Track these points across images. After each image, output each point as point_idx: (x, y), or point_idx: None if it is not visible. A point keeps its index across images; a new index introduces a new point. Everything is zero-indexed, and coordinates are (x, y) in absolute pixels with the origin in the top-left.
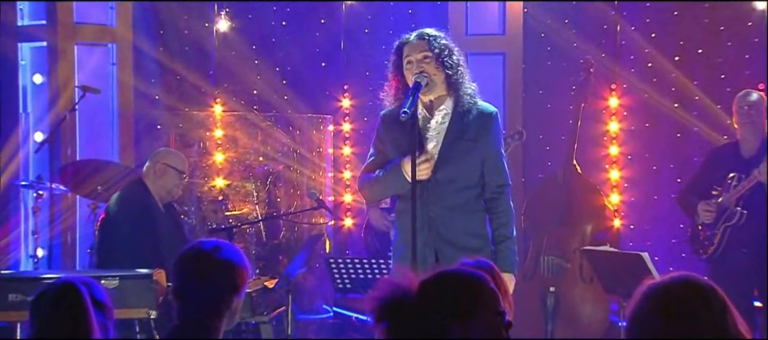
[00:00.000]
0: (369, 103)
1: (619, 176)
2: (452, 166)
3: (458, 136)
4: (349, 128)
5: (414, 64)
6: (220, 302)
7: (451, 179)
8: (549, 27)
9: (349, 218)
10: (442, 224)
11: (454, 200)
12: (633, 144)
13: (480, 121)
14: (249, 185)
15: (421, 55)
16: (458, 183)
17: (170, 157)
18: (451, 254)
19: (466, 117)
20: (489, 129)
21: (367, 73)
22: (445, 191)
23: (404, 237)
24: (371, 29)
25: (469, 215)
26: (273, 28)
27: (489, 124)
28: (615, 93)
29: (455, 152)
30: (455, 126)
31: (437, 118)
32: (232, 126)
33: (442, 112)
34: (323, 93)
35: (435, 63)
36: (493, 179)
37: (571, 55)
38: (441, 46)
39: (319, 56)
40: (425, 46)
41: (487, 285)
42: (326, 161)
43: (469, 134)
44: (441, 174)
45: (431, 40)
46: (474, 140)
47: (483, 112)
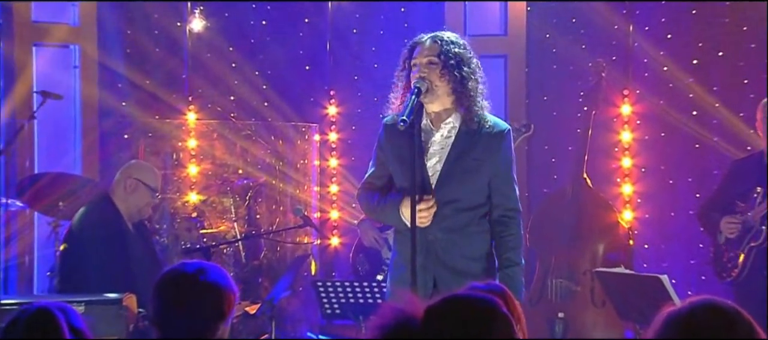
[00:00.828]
0: (358, 110)
1: (631, 191)
2: (454, 186)
3: (463, 154)
4: (336, 138)
5: (418, 68)
6: (205, 330)
7: (451, 199)
8: (554, 27)
9: (336, 236)
10: (441, 248)
11: (454, 222)
12: (647, 155)
13: (489, 139)
14: (227, 200)
15: (427, 59)
16: (459, 204)
17: (143, 173)
18: (450, 280)
19: (473, 134)
20: (499, 148)
21: (356, 77)
22: (445, 212)
23: (403, 258)
24: (360, 29)
25: (469, 237)
26: (252, 28)
27: (499, 142)
28: (627, 100)
29: (458, 171)
30: (461, 143)
31: (442, 133)
32: (208, 136)
33: (447, 126)
34: (308, 99)
35: (440, 71)
36: (501, 203)
37: (579, 57)
38: (451, 53)
39: (303, 59)
40: (435, 51)
41: (500, 310)
42: (312, 174)
43: (476, 153)
44: (441, 194)
45: (443, 45)
46: (480, 160)
47: (493, 129)
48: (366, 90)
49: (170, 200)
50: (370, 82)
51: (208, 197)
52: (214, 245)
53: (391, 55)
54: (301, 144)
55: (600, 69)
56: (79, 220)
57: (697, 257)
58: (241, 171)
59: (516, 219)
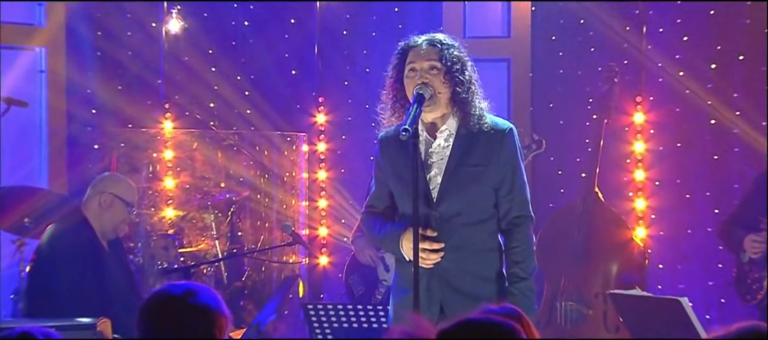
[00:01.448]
0: (348, 118)
1: (644, 206)
2: (456, 199)
3: (463, 160)
4: (325, 148)
5: (417, 74)
6: None
7: (456, 212)
8: (561, 29)
9: (325, 255)
10: (448, 268)
11: (462, 239)
12: (662, 168)
13: (490, 141)
14: (207, 216)
15: (429, 64)
16: (466, 217)
17: (118, 186)
18: (460, 304)
19: (472, 138)
20: (502, 148)
21: (346, 82)
22: (451, 227)
23: (405, 280)
24: (351, 30)
25: (479, 255)
26: (234, 29)
27: (502, 142)
28: (640, 107)
29: (459, 181)
30: (459, 149)
31: (439, 142)
32: (186, 146)
33: (444, 134)
34: (294, 106)
35: (443, 77)
36: (509, 209)
37: (589, 61)
38: (453, 58)
39: (289, 62)
40: (435, 55)
41: (517, 336)
42: (299, 188)
43: (476, 158)
44: (445, 207)
45: (444, 49)
46: (483, 164)
47: (495, 129)
48: (357, 96)
49: (145, 216)
50: (362, 88)
51: (187, 212)
52: (193, 264)
53: (384, 58)
54: (288, 155)
55: (612, 74)
56: (48, 238)
57: (717, 278)
58: (222, 184)
59: (523, 227)
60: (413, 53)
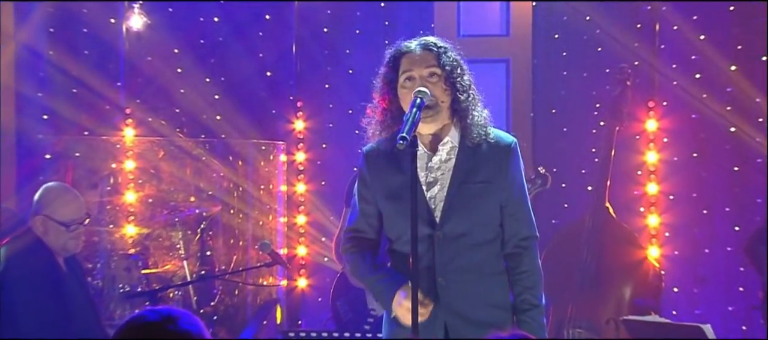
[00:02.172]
0: (328, 124)
1: (658, 222)
2: (462, 218)
3: (468, 176)
4: (304, 158)
5: (416, 82)
6: None
7: (462, 232)
8: (565, 26)
9: (304, 277)
10: (453, 293)
11: (468, 261)
12: (676, 180)
13: (494, 157)
14: (175, 233)
15: (428, 71)
16: (472, 238)
17: (51, 207)
18: (466, 332)
19: (476, 152)
20: (507, 165)
21: (327, 85)
22: (456, 248)
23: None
24: (332, 28)
25: (488, 279)
26: (202, 25)
27: (507, 159)
28: (653, 113)
29: (464, 198)
30: (464, 164)
31: (441, 155)
32: (150, 156)
33: (445, 147)
34: (270, 112)
35: (444, 84)
36: (515, 230)
37: (595, 61)
38: (452, 62)
39: (263, 63)
40: (433, 61)
41: None
42: (278, 201)
43: (482, 174)
44: (450, 227)
45: (441, 53)
46: (488, 182)
47: (498, 144)
48: (339, 100)
49: (105, 234)
50: (345, 91)
51: (152, 229)
52: (159, 288)
53: (369, 58)
54: (265, 165)
55: (624, 76)
56: (3, 259)
57: (739, 302)
58: (192, 199)
59: (530, 250)
60: (408, 60)
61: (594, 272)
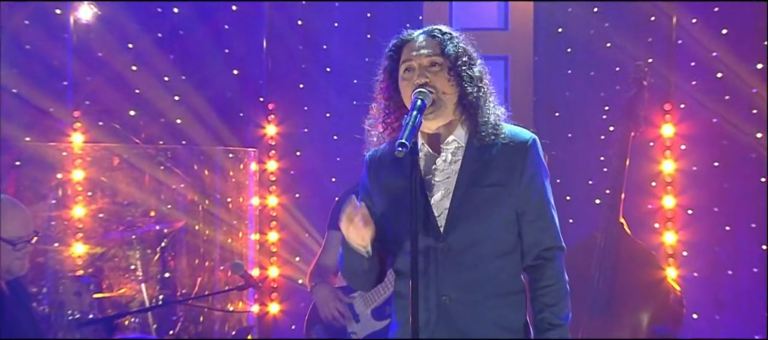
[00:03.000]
0: (303, 129)
1: (675, 240)
2: (471, 226)
3: (477, 179)
4: (276, 167)
5: (415, 73)
6: None
7: (470, 244)
8: (570, 19)
9: (275, 301)
10: (459, 313)
11: (476, 277)
12: (695, 192)
13: (510, 156)
14: (131, 252)
15: (428, 59)
16: (480, 250)
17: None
18: None
19: (487, 152)
20: (524, 165)
21: (302, 85)
22: (463, 262)
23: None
24: (308, 21)
25: (501, 300)
26: (160, 17)
27: (523, 158)
28: (669, 117)
29: (473, 204)
30: (471, 165)
31: (445, 157)
32: (103, 164)
33: (450, 147)
34: (237, 115)
35: (447, 74)
36: (536, 240)
37: (604, 59)
38: (459, 50)
39: (230, 60)
40: (436, 48)
41: None
42: (248, 216)
43: (493, 177)
44: (455, 238)
45: (446, 41)
46: (502, 185)
47: (514, 140)
48: (315, 102)
49: (52, 254)
50: (321, 92)
51: (105, 248)
52: (114, 315)
53: (349, 55)
54: (234, 176)
55: (641, 74)
56: None
57: (765, 330)
58: (151, 213)
59: (555, 261)
60: (408, 49)
61: (607, 295)
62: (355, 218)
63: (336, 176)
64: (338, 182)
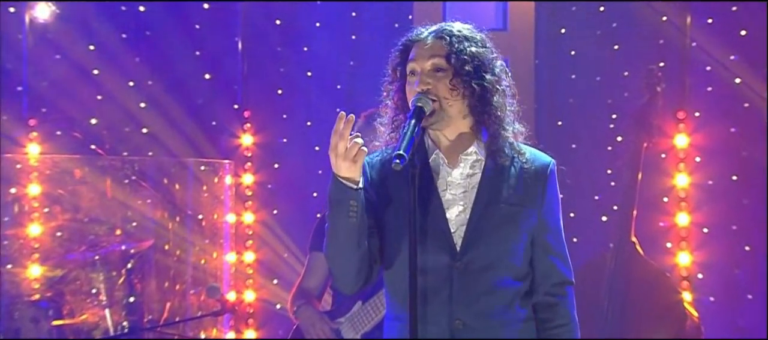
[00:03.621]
0: (282, 139)
1: (689, 261)
2: (490, 245)
3: (497, 196)
4: (252, 181)
5: (418, 77)
6: None
7: (487, 264)
8: (574, 18)
9: (252, 328)
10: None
11: (494, 301)
12: (712, 209)
13: (530, 179)
14: (95, 275)
15: (431, 63)
16: (499, 272)
17: None
18: None
19: (506, 169)
20: (543, 190)
21: (280, 91)
22: (479, 284)
23: None
24: (287, 20)
25: (516, 327)
26: (125, 16)
27: (543, 182)
28: (683, 126)
29: (493, 222)
30: (492, 180)
31: (463, 169)
32: (61, 177)
33: (469, 160)
34: (209, 123)
35: (450, 82)
36: (548, 272)
37: (612, 62)
38: (468, 55)
39: (202, 63)
40: (441, 51)
41: None
42: (223, 235)
43: (514, 195)
44: (472, 257)
45: (454, 43)
46: (522, 205)
47: (534, 164)
48: (295, 109)
49: (5, 276)
50: (302, 98)
51: (67, 270)
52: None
53: (332, 57)
54: (207, 190)
55: (654, 80)
56: None
57: None
58: (117, 232)
59: (567, 298)
60: (416, 50)
61: (618, 322)
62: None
63: (318, 191)
64: (320, 197)
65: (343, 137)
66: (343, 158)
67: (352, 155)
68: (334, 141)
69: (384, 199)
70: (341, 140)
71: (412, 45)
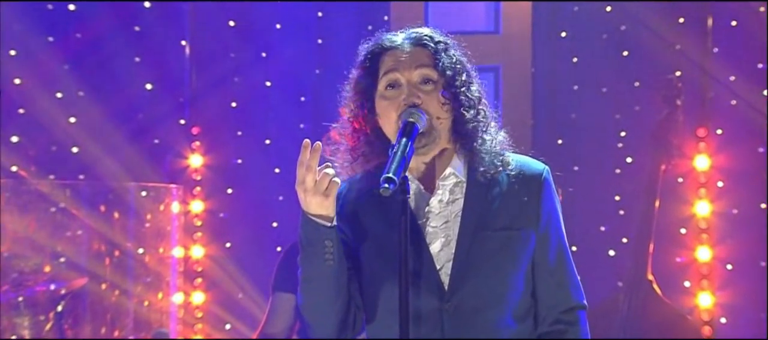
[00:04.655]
0: (236, 160)
1: (711, 303)
2: (483, 280)
3: (485, 221)
4: (202, 209)
5: (403, 90)
6: None
7: (482, 303)
8: (576, 20)
9: None
10: None
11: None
12: (737, 242)
13: (521, 192)
14: (19, 319)
15: (419, 74)
16: (496, 310)
17: None
18: None
19: (491, 188)
20: (538, 203)
21: (234, 104)
22: (475, 327)
23: None
24: (242, 22)
25: None
26: (51, 17)
27: (537, 194)
28: (704, 145)
29: (485, 253)
30: (477, 204)
31: (442, 195)
32: None
33: (448, 183)
34: (151, 141)
35: (442, 96)
36: (554, 298)
37: (621, 71)
38: (456, 65)
39: (142, 71)
40: (427, 59)
41: None
42: (170, 271)
43: (505, 217)
44: (464, 296)
45: (440, 51)
46: (516, 228)
47: (524, 173)
48: (252, 126)
49: None
50: (260, 112)
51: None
52: None
53: (295, 65)
54: (151, 219)
55: (674, 91)
56: None
57: None
58: (47, 268)
59: (578, 325)
60: (392, 58)
61: None
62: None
63: (278, 220)
64: (281, 227)
65: (311, 169)
66: (313, 193)
67: (323, 189)
68: (301, 174)
69: (359, 236)
70: (309, 173)
71: (383, 53)
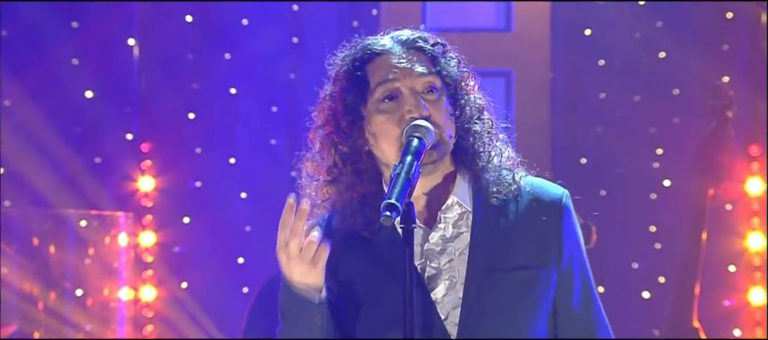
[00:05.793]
0: (194, 182)
1: None
2: (495, 329)
3: (497, 261)
4: (154, 242)
5: (405, 101)
6: None
7: None
8: (604, 17)
9: None
10: None
11: None
12: None
13: (538, 222)
14: None
15: (424, 82)
16: None
17: None
18: None
19: (502, 218)
20: (561, 235)
21: (192, 115)
22: None
23: None
24: (202, 17)
25: None
26: None
27: (559, 224)
28: (757, 166)
29: (497, 299)
30: (486, 239)
31: (444, 230)
32: None
33: (451, 214)
34: (91, 160)
35: (448, 106)
36: None
37: (656, 76)
38: (460, 71)
39: (81, 76)
40: (429, 65)
41: None
42: (117, 317)
43: (521, 254)
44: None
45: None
46: (535, 267)
47: (540, 199)
48: (213, 142)
49: None
50: (222, 126)
51: None
52: None
53: (265, 68)
54: (95, 253)
55: (724, 101)
56: None
57: None
58: None
59: None
60: (385, 66)
61: None
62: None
63: (244, 255)
64: (248, 264)
65: (296, 233)
66: (298, 261)
67: (310, 257)
68: (283, 238)
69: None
70: (293, 237)
71: (374, 58)
